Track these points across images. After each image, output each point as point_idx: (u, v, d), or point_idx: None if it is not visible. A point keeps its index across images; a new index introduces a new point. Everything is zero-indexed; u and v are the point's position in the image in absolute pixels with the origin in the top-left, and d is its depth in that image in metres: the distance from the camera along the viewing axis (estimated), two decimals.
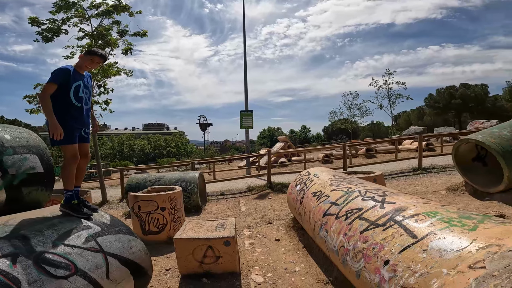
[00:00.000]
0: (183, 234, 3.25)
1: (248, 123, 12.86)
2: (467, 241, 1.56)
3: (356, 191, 2.86)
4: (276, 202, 6.88)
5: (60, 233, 1.97)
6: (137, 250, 2.47)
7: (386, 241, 1.90)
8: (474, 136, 4.97)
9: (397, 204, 2.26)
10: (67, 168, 2.35)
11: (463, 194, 5.17)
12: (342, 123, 36.97)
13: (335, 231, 2.56)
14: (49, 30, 8.06)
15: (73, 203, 2.33)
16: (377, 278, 1.80)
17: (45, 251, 1.75)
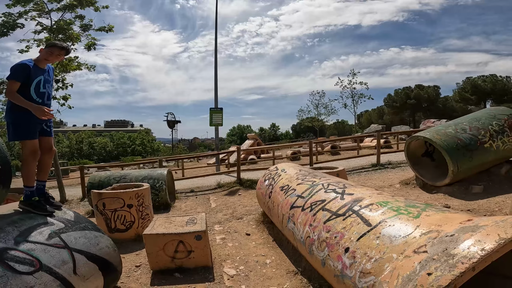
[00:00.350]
0: (153, 230, 3.24)
1: (217, 120, 12.82)
2: (412, 227, 1.73)
3: (320, 184, 3.05)
4: (246, 198, 7.01)
5: (22, 229, 1.93)
6: (105, 246, 2.46)
7: (346, 230, 2.05)
8: (423, 133, 5.51)
9: (355, 195, 2.46)
10: (27, 164, 2.28)
11: (414, 187, 5.71)
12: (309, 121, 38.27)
13: (302, 222, 2.70)
14: (4, 24, 7.49)
15: (33, 199, 2.26)
16: (339, 265, 1.94)
17: (7, 247, 1.71)
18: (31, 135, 2.26)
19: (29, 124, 2.25)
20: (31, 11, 7.75)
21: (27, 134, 2.23)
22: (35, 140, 2.29)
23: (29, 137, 2.25)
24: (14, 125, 2.24)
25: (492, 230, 1.36)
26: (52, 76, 2.50)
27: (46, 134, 2.46)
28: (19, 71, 2.18)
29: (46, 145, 2.44)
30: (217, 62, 13.97)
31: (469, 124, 5.30)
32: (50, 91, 2.44)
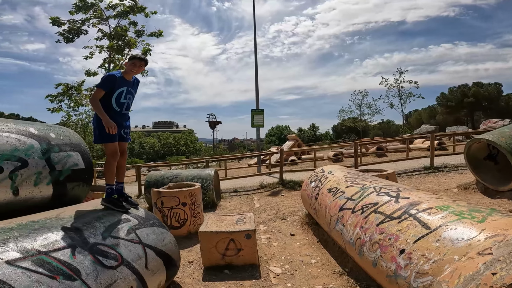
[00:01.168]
0: (207, 227, 3.46)
1: (259, 121, 13.02)
2: (476, 231, 1.72)
3: (371, 187, 3.03)
4: (289, 199, 7.04)
5: (106, 225, 2.12)
6: (168, 242, 2.64)
7: (402, 232, 2.07)
8: (486, 135, 5.03)
9: (411, 199, 2.43)
10: (108, 164, 2.57)
11: (474, 192, 5.24)
12: (351, 121, 36.79)
13: (352, 224, 2.73)
14: (70, 30, 8.29)
15: (113, 197, 2.54)
16: (393, 265, 1.98)
17: (97, 243, 1.89)
18: (112, 139, 2.53)
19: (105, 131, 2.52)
20: (92, 18, 8.46)
21: (108, 138, 2.50)
22: (115, 142, 2.55)
23: (109, 140, 2.52)
24: (98, 129, 2.52)
25: None
26: (136, 88, 2.78)
27: (122, 139, 2.72)
28: (106, 81, 2.49)
29: (121, 149, 2.70)
30: (257, 63, 14.20)
31: None
32: (131, 102, 2.72)
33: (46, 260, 1.49)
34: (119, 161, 2.66)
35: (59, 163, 2.42)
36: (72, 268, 1.57)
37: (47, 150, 2.34)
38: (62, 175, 2.43)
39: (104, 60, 8.73)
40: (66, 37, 8.39)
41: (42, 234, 1.66)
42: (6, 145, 2.02)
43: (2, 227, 1.60)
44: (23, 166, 2.07)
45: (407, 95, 30.83)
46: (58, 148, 2.47)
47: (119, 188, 2.67)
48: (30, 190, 2.12)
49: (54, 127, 2.75)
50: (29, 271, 1.36)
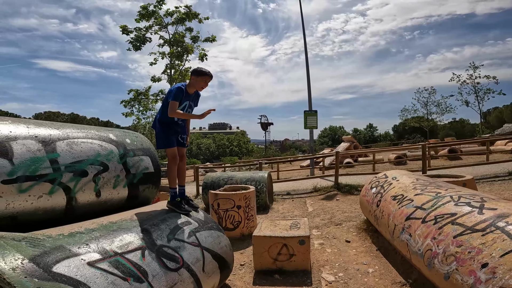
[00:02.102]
0: (260, 232, 3.46)
1: (312, 123, 12.71)
2: None
3: (447, 196, 2.76)
4: (344, 204, 6.70)
5: (171, 227, 2.24)
6: (224, 246, 2.68)
7: (486, 246, 1.93)
8: None
9: (499, 210, 2.20)
10: (169, 168, 2.74)
11: None
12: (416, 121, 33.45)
13: (421, 234, 2.57)
14: (137, 38, 8.99)
15: (176, 200, 2.70)
16: (471, 279, 1.88)
17: (163, 245, 1.98)
18: (171, 144, 2.68)
19: (168, 136, 2.67)
20: (154, 25, 9.05)
21: (168, 144, 2.66)
22: (174, 148, 2.70)
23: (169, 146, 2.67)
24: (158, 135, 2.68)
25: None
26: (196, 102, 2.91)
27: (180, 144, 2.84)
28: (179, 93, 2.64)
29: (179, 154, 2.82)
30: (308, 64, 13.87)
31: None
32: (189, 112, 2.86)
33: (121, 261, 1.62)
34: (179, 165, 2.80)
35: (134, 167, 2.65)
36: (141, 270, 1.67)
37: (124, 155, 2.58)
38: (135, 178, 2.66)
39: (166, 66, 9.35)
40: (135, 45, 9.05)
41: (119, 236, 1.82)
42: (91, 150, 2.30)
43: (86, 228, 1.80)
44: (104, 170, 2.33)
45: (485, 92, 26.81)
46: (132, 153, 2.70)
47: (182, 191, 2.81)
48: (109, 192, 2.38)
49: (128, 133, 3.03)
50: (106, 272, 1.49)
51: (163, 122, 2.70)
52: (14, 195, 1.79)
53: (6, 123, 1.93)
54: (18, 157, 1.82)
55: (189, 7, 8.93)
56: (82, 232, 1.74)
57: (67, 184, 2.04)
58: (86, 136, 2.37)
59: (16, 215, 1.86)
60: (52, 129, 2.16)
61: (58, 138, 2.14)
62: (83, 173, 2.15)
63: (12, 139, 1.85)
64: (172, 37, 9.11)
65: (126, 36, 9.05)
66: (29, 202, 1.87)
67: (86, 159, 2.20)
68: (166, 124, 2.70)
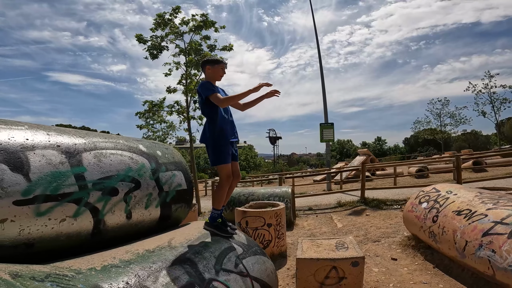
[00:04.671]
0: (304, 254, 3.02)
1: (328, 136, 12.33)
2: None
3: None
4: (376, 219, 6.19)
5: (216, 255, 1.89)
6: (270, 273, 2.33)
7: None
8: None
9: None
10: (221, 188, 2.34)
11: None
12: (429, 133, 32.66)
13: (510, 250, 2.29)
14: (153, 46, 8.64)
15: (218, 221, 2.30)
16: None
17: (212, 278, 1.66)
18: (227, 159, 2.28)
19: (222, 149, 2.27)
20: (170, 34, 8.67)
21: (223, 159, 2.26)
22: (229, 164, 2.30)
23: (225, 162, 2.26)
24: (212, 150, 2.29)
25: None
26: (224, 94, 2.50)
27: (235, 158, 2.41)
28: (210, 85, 2.31)
29: (235, 170, 2.43)
30: (323, 77, 13.67)
31: None
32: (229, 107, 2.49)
33: None
34: (232, 184, 2.42)
35: (166, 183, 2.26)
36: None
37: (156, 170, 2.19)
38: (168, 196, 2.27)
39: (182, 76, 9.02)
40: (152, 53, 8.62)
41: (161, 270, 1.46)
42: (121, 164, 1.92)
43: (121, 259, 1.45)
44: (136, 187, 1.94)
45: (501, 101, 26.11)
46: (165, 167, 2.31)
47: (221, 212, 2.41)
48: (141, 213, 1.99)
49: (159, 144, 2.64)
50: None
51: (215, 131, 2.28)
52: (30, 218, 1.42)
53: (22, 129, 1.54)
54: (36, 171, 1.45)
55: (206, 15, 8.71)
56: (117, 265, 1.37)
57: (95, 205, 1.67)
58: (115, 146, 1.99)
59: (32, 242, 1.49)
60: (76, 138, 1.79)
61: (85, 148, 1.77)
62: (113, 191, 1.78)
63: (29, 149, 1.48)
64: (188, 45, 8.80)
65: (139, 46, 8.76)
66: (49, 227, 1.50)
67: (116, 175, 1.82)
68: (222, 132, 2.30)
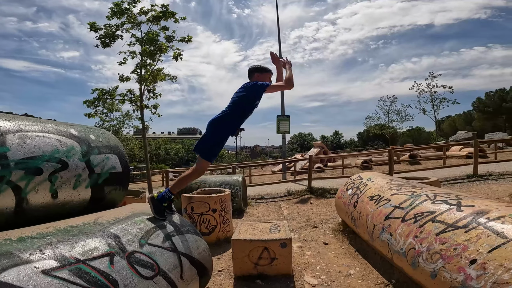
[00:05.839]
0: (240, 235, 3.29)
1: (284, 128, 12.82)
2: None
3: (423, 195, 2.82)
4: (319, 207, 6.74)
5: (143, 231, 2.00)
6: (202, 251, 2.47)
7: (471, 242, 1.95)
8: None
9: (477, 207, 2.24)
10: (189, 177, 2.54)
11: None
12: (379, 128, 35.37)
13: (402, 233, 2.58)
14: (106, 35, 8.31)
15: (163, 204, 2.39)
16: (460, 276, 1.87)
17: (135, 250, 1.75)
18: (213, 158, 2.53)
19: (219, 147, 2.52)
20: (126, 23, 8.42)
21: (213, 156, 2.50)
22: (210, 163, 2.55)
23: (211, 159, 2.51)
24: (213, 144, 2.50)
25: None
26: None
27: None
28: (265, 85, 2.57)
29: None
30: None
31: None
32: None
33: (85, 269, 1.38)
34: None
35: (98, 165, 2.34)
36: (110, 279, 1.45)
37: (87, 152, 2.27)
38: (100, 178, 2.35)
39: (136, 66, 8.80)
40: (104, 41, 8.32)
41: (81, 241, 1.56)
42: (47, 146, 1.98)
43: (39, 232, 1.52)
44: (63, 168, 2.01)
45: (441, 101, 29.10)
46: (97, 150, 2.40)
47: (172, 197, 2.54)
48: (69, 193, 2.05)
49: (93, 129, 2.70)
50: (66, 281, 1.25)
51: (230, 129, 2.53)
52: None
53: None
54: None
55: (166, 6, 8.50)
56: (34, 237, 1.46)
57: (17, 183, 1.72)
58: (42, 130, 2.03)
59: None
60: (2, 121, 1.83)
61: (9, 130, 1.80)
62: (37, 170, 1.83)
63: None
64: (145, 35, 8.56)
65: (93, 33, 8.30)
66: None
67: (41, 155, 1.88)
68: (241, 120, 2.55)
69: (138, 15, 8.42)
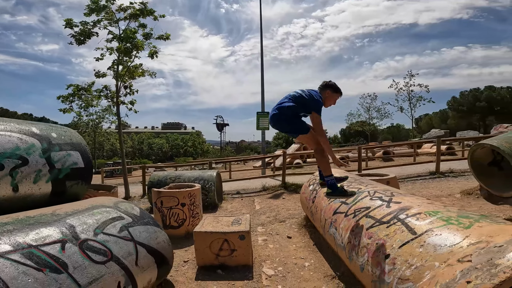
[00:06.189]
0: (202, 228, 3.51)
1: (264, 124, 13.07)
2: (460, 237, 1.68)
3: (365, 191, 3.02)
4: (290, 202, 7.05)
5: (99, 222, 2.20)
6: (162, 241, 2.69)
7: (389, 237, 2.04)
8: (489, 141, 4.94)
9: (403, 204, 2.40)
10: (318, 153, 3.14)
11: (477, 198, 5.15)
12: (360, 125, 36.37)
13: (344, 228, 2.72)
14: (82, 32, 8.35)
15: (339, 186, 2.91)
16: (378, 271, 1.96)
17: (88, 238, 1.96)
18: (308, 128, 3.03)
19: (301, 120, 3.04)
20: (103, 20, 8.48)
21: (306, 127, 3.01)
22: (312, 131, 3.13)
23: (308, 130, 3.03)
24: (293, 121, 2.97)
25: None
26: None
27: None
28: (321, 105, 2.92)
29: None
30: (263, 66, 14.28)
31: None
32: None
33: (35, 253, 1.55)
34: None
35: (59, 161, 2.52)
36: (60, 262, 1.63)
37: (48, 149, 2.43)
38: (61, 173, 2.52)
39: (113, 62, 8.84)
40: (78, 38, 8.36)
41: (35, 229, 1.73)
42: (8, 143, 2.13)
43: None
44: (23, 164, 2.17)
45: (417, 99, 30.22)
46: (58, 147, 2.56)
47: None
48: (29, 187, 2.22)
49: (56, 127, 2.85)
50: (17, 263, 1.42)
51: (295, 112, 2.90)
52: None
53: None
54: None
55: (144, 4, 8.55)
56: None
57: None
58: (4, 129, 2.19)
59: None
60: None
61: None
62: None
63: None
64: (122, 32, 8.62)
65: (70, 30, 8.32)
66: None
67: (2, 152, 2.05)
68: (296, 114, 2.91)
69: (116, 12, 8.47)
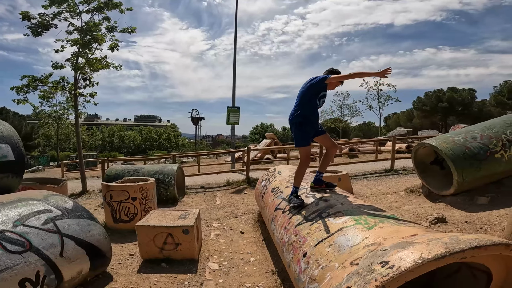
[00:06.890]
0: (146, 222, 3.50)
1: (234, 119, 13.08)
2: (361, 238, 1.70)
3: (304, 189, 3.10)
4: (250, 197, 7.15)
5: (22, 215, 2.20)
6: (96, 234, 2.71)
7: (310, 235, 2.08)
8: (430, 140, 5.32)
9: (330, 202, 2.48)
10: (300, 167, 2.88)
11: (419, 195, 5.53)
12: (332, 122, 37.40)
13: (280, 224, 2.79)
14: (39, 24, 8.11)
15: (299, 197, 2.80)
16: (297, 268, 1.97)
17: (5, 230, 1.99)
18: (307, 143, 2.88)
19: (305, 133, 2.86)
20: (64, 12, 8.25)
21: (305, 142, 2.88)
22: (309, 147, 2.90)
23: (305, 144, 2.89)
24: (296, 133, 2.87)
25: (420, 248, 1.30)
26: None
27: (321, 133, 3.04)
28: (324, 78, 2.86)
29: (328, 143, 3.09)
30: (235, 60, 14.25)
31: (481, 132, 5.04)
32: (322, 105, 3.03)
33: None
34: (330, 152, 3.11)
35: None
36: None
37: None
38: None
39: (73, 54, 8.60)
40: (35, 30, 8.18)
41: None
42: None
43: None
44: None
45: (386, 98, 31.59)
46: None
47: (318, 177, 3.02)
48: None
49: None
50: None
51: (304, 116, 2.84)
52: None
53: None
54: None
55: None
56: None
57: None
58: None
59: None
60: None
61: None
62: None
63: None
64: (85, 25, 8.40)
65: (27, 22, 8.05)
66: None
67: None
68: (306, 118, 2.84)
69: (80, 5, 8.26)
